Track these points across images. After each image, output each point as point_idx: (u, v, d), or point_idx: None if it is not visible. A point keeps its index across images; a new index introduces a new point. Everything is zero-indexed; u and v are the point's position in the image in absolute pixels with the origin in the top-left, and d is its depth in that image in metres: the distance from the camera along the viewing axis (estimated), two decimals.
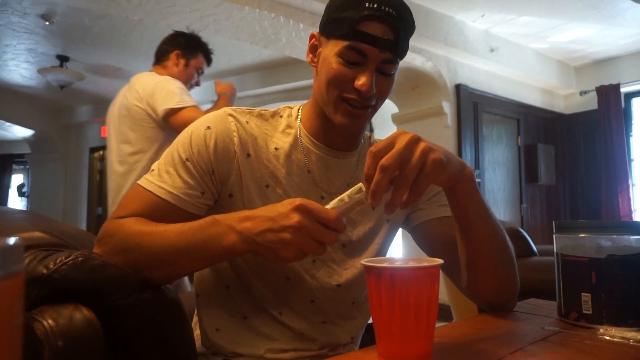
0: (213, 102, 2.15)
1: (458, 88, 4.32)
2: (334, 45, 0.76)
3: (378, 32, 0.73)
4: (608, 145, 5.03)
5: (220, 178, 0.79)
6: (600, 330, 0.68)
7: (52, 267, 0.62)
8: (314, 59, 0.83)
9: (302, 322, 0.83)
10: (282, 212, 0.63)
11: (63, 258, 0.63)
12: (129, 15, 3.21)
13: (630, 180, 4.97)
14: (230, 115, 0.82)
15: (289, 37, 3.55)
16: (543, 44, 4.72)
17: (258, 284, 0.82)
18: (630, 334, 0.65)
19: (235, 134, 0.80)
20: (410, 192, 0.63)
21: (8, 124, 7.43)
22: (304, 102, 0.89)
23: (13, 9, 3.90)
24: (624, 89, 5.06)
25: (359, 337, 0.93)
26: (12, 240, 0.25)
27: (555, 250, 0.77)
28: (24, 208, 8.63)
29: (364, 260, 0.57)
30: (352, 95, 0.76)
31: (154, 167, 0.79)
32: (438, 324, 0.61)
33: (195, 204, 0.77)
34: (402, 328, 0.54)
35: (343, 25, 0.74)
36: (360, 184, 0.65)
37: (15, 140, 8.77)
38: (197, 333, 0.89)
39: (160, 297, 0.71)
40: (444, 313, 1.24)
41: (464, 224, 0.76)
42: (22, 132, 7.82)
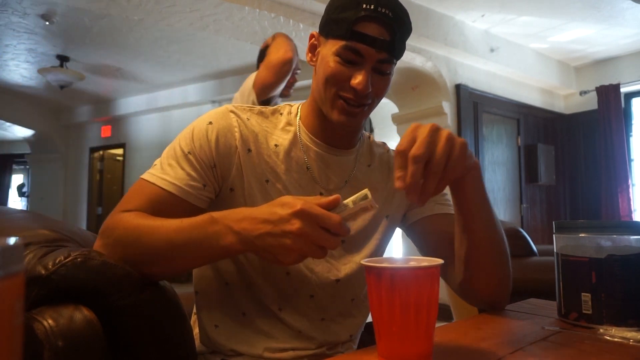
0: (213, 102, 2.13)
1: (458, 88, 4.32)
2: (332, 45, 0.78)
3: (375, 32, 0.75)
4: (608, 145, 5.03)
5: (222, 172, 0.80)
6: (600, 330, 0.68)
7: (50, 267, 0.62)
8: (313, 58, 0.85)
9: (301, 319, 0.84)
10: (282, 216, 0.61)
11: (62, 258, 0.63)
12: (129, 15, 3.21)
13: (630, 180, 4.97)
14: (232, 112, 0.83)
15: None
16: (543, 44, 4.73)
17: (259, 279, 0.82)
18: (630, 334, 0.65)
19: (237, 129, 0.81)
20: (442, 178, 0.64)
21: (8, 124, 7.45)
22: (304, 101, 0.90)
23: (13, 9, 3.90)
24: (624, 89, 5.07)
25: (358, 335, 0.93)
26: (12, 240, 0.25)
27: (555, 250, 0.77)
28: (24, 208, 8.63)
29: (364, 260, 0.57)
30: (348, 94, 0.78)
31: (156, 162, 0.79)
32: (438, 324, 0.61)
33: (198, 196, 0.77)
34: (402, 328, 0.54)
35: (341, 26, 0.76)
36: (366, 190, 0.64)
37: (15, 140, 8.78)
38: (196, 332, 0.89)
39: (160, 296, 0.71)
40: (444, 313, 1.24)
41: (468, 218, 0.76)
42: (22, 132, 7.83)
